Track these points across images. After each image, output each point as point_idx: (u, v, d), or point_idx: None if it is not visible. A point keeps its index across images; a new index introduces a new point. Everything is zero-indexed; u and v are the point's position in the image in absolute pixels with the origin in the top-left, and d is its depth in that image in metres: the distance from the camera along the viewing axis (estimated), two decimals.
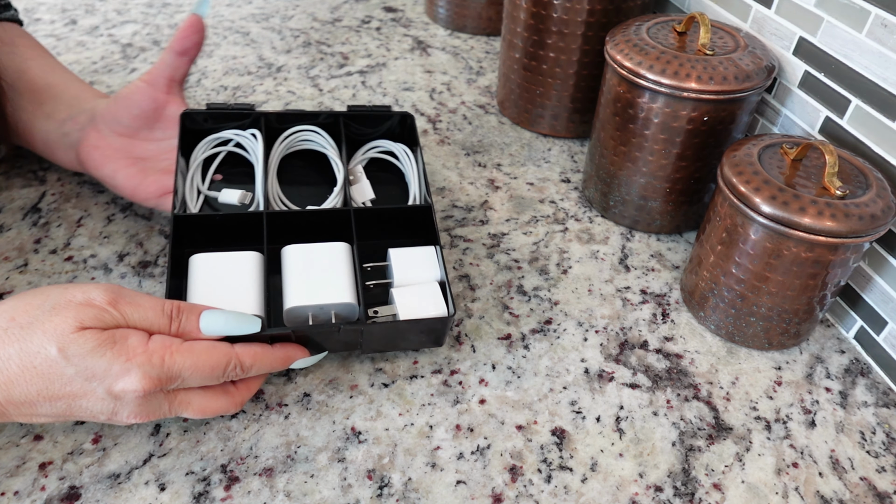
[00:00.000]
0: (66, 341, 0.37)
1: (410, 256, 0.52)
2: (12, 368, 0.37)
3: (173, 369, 0.39)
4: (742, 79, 0.54)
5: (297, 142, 0.60)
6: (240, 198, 0.55)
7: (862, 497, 0.45)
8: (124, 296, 0.40)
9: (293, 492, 0.44)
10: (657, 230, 0.64)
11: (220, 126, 0.58)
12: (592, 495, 0.44)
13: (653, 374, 0.52)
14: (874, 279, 0.53)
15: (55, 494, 0.43)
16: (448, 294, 0.50)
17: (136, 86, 0.57)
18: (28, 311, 0.38)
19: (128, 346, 0.39)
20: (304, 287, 0.48)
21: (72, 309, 0.38)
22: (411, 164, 0.60)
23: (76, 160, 0.59)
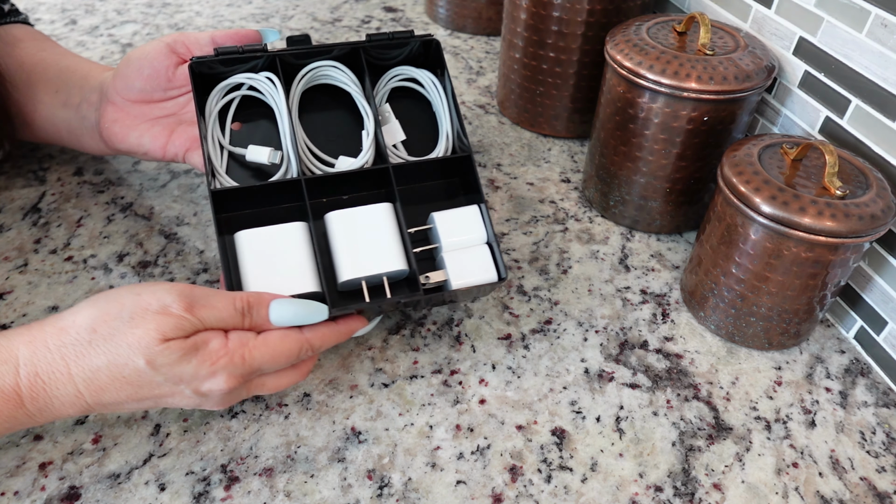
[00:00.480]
0: (152, 353, 0.38)
1: (455, 219, 0.51)
2: (102, 378, 0.39)
3: (254, 364, 0.41)
4: (742, 79, 0.54)
5: (315, 77, 0.54)
6: (269, 156, 0.51)
7: (862, 497, 0.45)
8: (198, 299, 0.40)
9: (293, 492, 0.44)
10: (657, 230, 0.64)
11: (230, 71, 0.52)
12: (592, 495, 0.44)
13: (653, 374, 0.52)
14: (874, 279, 0.53)
15: (55, 494, 0.43)
16: (497, 256, 0.50)
17: (151, 45, 0.54)
18: (107, 322, 0.39)
19: (210, 351, 0.40)
20: (355, 257, 0.48)
21: (150, 319, 0.39)
22: (439, 94, 0.55)
23: (102, 143, 0.58)
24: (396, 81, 0.56)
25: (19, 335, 0.39)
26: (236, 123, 0.53)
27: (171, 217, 0.64)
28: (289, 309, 0.43)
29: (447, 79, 0.54)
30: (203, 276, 0.58)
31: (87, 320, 0.39)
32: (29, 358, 0.38)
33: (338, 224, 0.49)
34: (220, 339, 0.41)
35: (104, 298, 0.40)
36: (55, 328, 0.39)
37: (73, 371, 0.38)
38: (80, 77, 0.60)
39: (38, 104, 0.61)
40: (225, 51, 0.50)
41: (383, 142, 0.52)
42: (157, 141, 0.55)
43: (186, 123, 0.56)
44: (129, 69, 0.55)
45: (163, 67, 0.54)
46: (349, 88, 0.53)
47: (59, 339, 0.39)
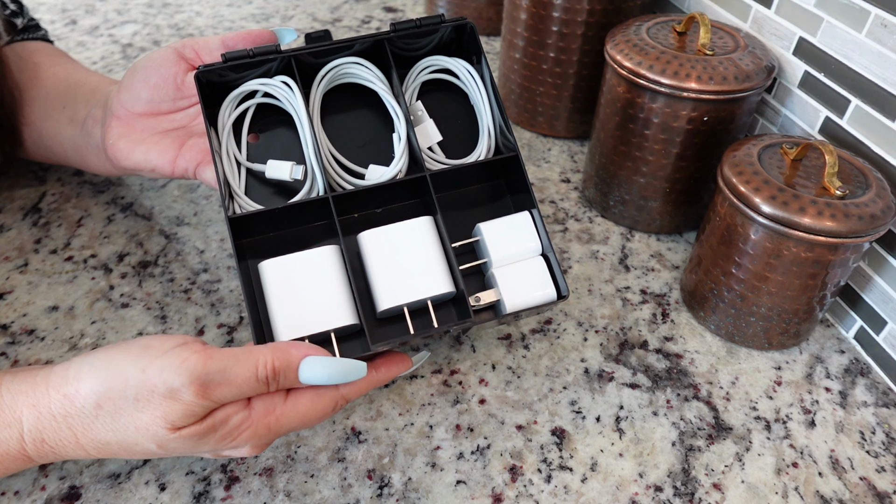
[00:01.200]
0: (164, 440, 0.35)
1: (505, 228, 0.46)
2: (113, 449, 0.37)
3: (281, 431, 0.38)
4: (742, 79, 0.54)
5: (336, 77, 0.48)
6: (290, 172, 0.46)
7: (861, 497, 0.45)
8: (212, 378, 0.35)
9: (293, 492, 0.44)
10: (657, 230, 0.64)
11: (241, 78, 0.47)
12: (592, 495, 0.44)
13: (653, 374, 0.52)
14: (874, 279, 0.53)
15: (55, 494, 0.43)
16: (556, 269, 0.45)
17: (158, 52, 0.50)
18: (112, 400, 0.35)
19: (231, 429, 0.36)
20: (395, 281, 0.43)
21: (157, 405, 0.35)
22: (476, 84, 0.49)
23: (108, 162, 0.53)
24: (427, 74, 0.50)
25: (23, 395, 0.36)
26: (252, 135, 0.48)
27: (171, 217, 0.64)
28: (322, 371, 0.38)
29: (485, 66, 0.48)
30: (203, 276, 0.58)
31: (91, 394, 0.35)
32: (34, 424, 0.36)
33: (373, 244, 0.44)
34: (241, 414, 0.37)
35: (108, 368, 0.36)
36: (59, 394, 0.36)
37: (82, 441, 0.36)
38: (87, 91, 0.57)
39: (47, 120, 0.58)
40: (234, 56, 0.45)
41: (417, 145, 0.46)
42: (165, 155, 0.50)
43: (198, 136, 0.51)
44: (135, 79, 0.50)
45: (171, 75, 0.49)
46: (375, 87, 0.47)
47: (65, 408, 0.36)
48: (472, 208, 0.49)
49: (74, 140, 0.57)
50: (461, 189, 0.49)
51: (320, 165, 0.45)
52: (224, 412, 0.36)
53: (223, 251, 0.60)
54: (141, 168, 0.52)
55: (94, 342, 0.52)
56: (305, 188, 0.46)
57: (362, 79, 0.48)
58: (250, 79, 0.47)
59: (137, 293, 0.56)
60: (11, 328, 0.53)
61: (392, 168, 0.46)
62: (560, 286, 0.45)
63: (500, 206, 0.49)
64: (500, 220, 0.46)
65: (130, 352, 0.36)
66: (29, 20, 0.66)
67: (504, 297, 0.44)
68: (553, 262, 0.45)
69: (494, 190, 0.49)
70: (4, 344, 0.52)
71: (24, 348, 0.51)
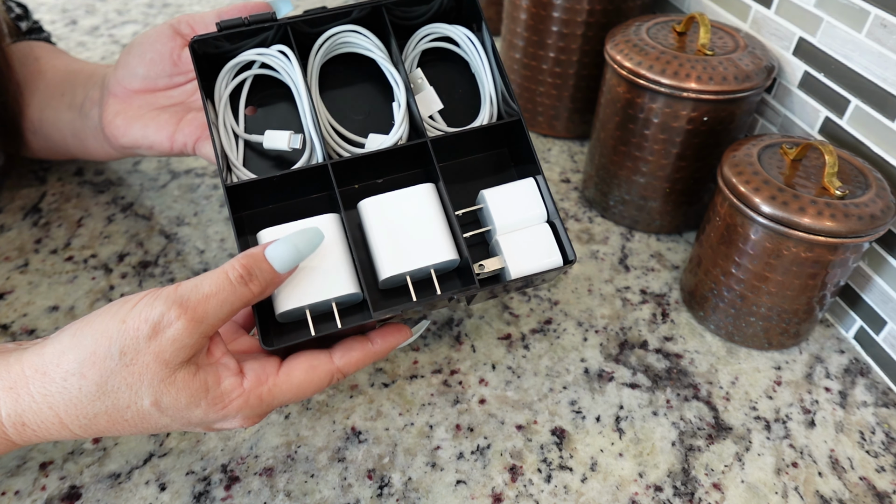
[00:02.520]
0: (158, 393, 0.34)
1: (509, 196, 0.45)
2: (101, 423, 0.35)
3: (274, 403, 0.37)
4: (742, 79, 0.54)
5: (334, 46, 0.48)
6: (289, 141, 0.45)
7: (861, 497, 0.45)
8: (189, 296, 0.34)
9: (293, 492, 0.44)
10: (657, 230, 0.64)
11: (237, 48, 0.46)
12: (592, 495, 0.44)
13: (653, 373, 0.52)
14: (874, 279, 0.53)
15: (56, 494, 0.43)
16: (562, 235, 0.44)
17: (154, 29, 0.50)
18: (97, 364, 0.33)
19: (222, 392, 0.35)
20: (397, 249, 0.42)
21: (145, 350, 0.33)
22: (478, 51, 0.48)
23: (106, 142, 0.53)
24: (427, 42, 0.49)
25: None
26: (250, 108, 0.47)
27: (171, 217, 0.64)
28: (288, 251, 0.37)
29: (486, 33, 0.47)
30: None
31: (72, 365, 0.33)
32: (12, 408, 0.34)
33: (373, 212, 0.43)
34: (233, 379, 0.36)
35: (88, 333, 0.34)
36: (38, 373, 0.34)
37: (66, 420, 0.34)
38: (84, 77, 0.58)
39: (45, 109, 0.58)
40: (228, 24, 0.43)
41: (418, 113, 0.45)
42: (162, 131, 0.49)
43: (196, 111, 0.50)
44: (131, 56, 0.50)
45: (167, 50, 0.49)
46: (374, 55, 0.47)
47: (44, 386, 0.34)
48: (475, 177, 0.48)
49: (73, 124, 0.57)
50: (464, 158, 0.48)
51: (319, 135, 0.44)
52: (217, 371, 0.36)
53: (223, 251, 0.60)
54: (139, 145, 0.51)
55: None
56: (304, 157, 0.45)
57: (360, 47, 0.47)
58: (246, 49, 0.46)
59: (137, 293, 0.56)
60: (11, 328, 0.53)
61: (392, 136, 0.45)
62: (566, 251, 0.44)
63: (503, 175, 0.48)
64: (504, 186, 0.45)
65: (108, 311, 0.35)
66: (33, 23, 0.66)
67: (508, 263, 0.43)
68: (559, 229, 0.44)
69: (498, 158, 0.48)
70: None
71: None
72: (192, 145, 0.49)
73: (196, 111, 0.50)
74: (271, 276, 0.37)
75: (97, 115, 0.53)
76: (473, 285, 0.42)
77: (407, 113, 0.46)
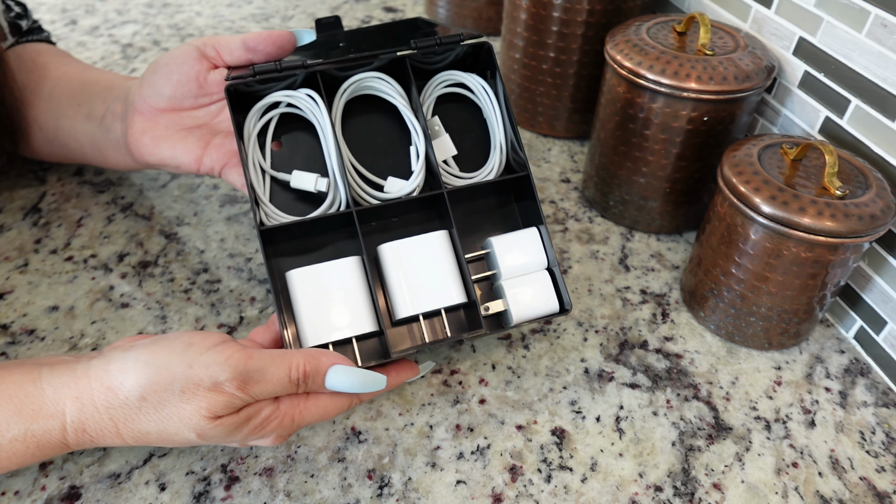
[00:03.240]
0: (202, 429, 0.38)
1: (513, 243, 0.49)
2: (151, 438, 0.39)
3: (303, 423, 0.41)
4: (742, 79, 0.54)
5: (358, 88, 0.50)
6: (315, 183, 0.48)
7: (861, 497, 0.45)
8: (252, 375, 0.38)
9: (293, 492, 0.44)
10: (657, 230, 0.64)
11: (266, 89, 0.49)
12: (592, 495, 0.44)
13: (653, 373, 0.52)
14: (874, 279, 0.53)
15: (55, 494, 0.43)
16: (560, 284, 0.48)
17: (180, 49, 0.50)
18: (157, 392, 0.38)
19: (261, 420, 0.40)
20: (413, 291, 0.46)
21: (202, 397, 0.37)
22: (490, 100, 0.51)
23: (129, 156, 0.54)
24: (443, 88, 0.52)
25: (65, 387, 0.38)
26: (275, 143, 0.50)
27: (171, 217, 0.64)
28: (346, 381, 0.41)
29: (499, 82, 0.51)
30: (203, 276, 0.58)
31: (136, 387, 0.38)
32: (77, 415, 0.38)
33: (393, 256, 0.47)
34: (271, 408, 0.40)
35: (154, 364, 0.38)
36: (103, 386, 0.38)
37: (122, 431, 0.38)
38: (103, 88, 0.58)
39: (61, 118, 0.58)
40: (263, 70, 0.47)
41: (435, 160, 0.49)
42: (191, 153, 0.51)
43: (222, 135, 0.52)
44: (157, 75, 0.51)
45: (193, 73, 0.50)
46: (396, 102, 0.50)
47: (107, 399, 0.38)
48: (481, 217, 0.52)
49: (93, 136, 0.57)
50: (472, 201, 0.52)
51: (344, 180, 0.47)
52: (257, 406, 0.39)
53: (223, 251, 0.60)
54: (166, 163, 0.52)
55: (94, 342, 0.52)
56: (329, 199, 0.48)
57: (383, 92, 0.50)
58: (276, 90, 0.49)
59: (137, 293, 0.56)
60: (11, 328, 0.53)
61: (411, 182, 0.49)
62: (564, 300, 0.48)
63: (507, 216, 0.52)
64: (510, 235, 0.49)
65: (175, 349, 0.39)
66: (32, 23, 0.66)
67: (511, 308, 0.47)
68: (557, 277, 0.48)
69: (503, 202, 0.53)
70: (4, 344, 0.52)
71: (24, 348, 0.51)
72: (218, 170, 0.51)
73: (222, 135, 0.52)
74: (318, 388, 0.41)
75: (120, 130, 0.54)
76: (480, 328, 0.47)
77: (425, 162, 0.49)
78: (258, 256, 0.60)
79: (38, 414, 0.38)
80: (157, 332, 0.53)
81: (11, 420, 0.37)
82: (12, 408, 0.37)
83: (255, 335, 0.46)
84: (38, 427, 0.38)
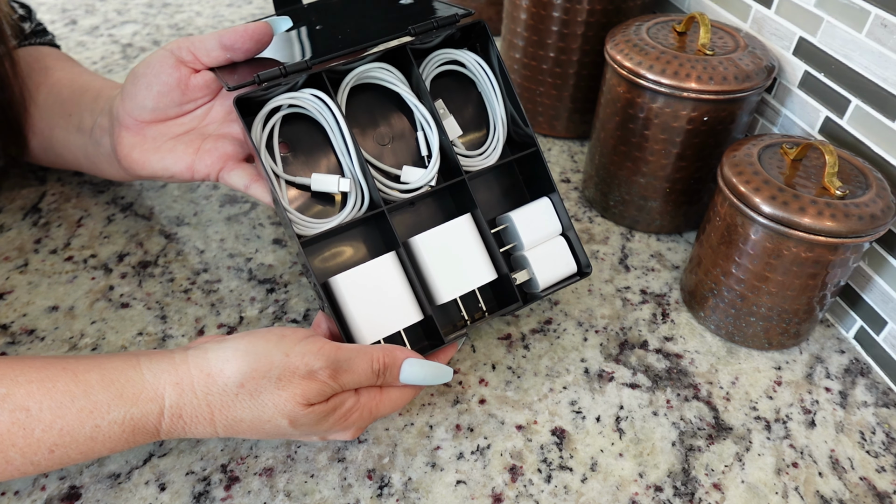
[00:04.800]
0: (296, 415, 0.40)
1: (530, 215, 0.51)
2: (243, 427, 0.41)
3: (377, 415, 0.44)
4: (742, 79, 0.54)
5: (360, 79, 0.50)
6: (338, 185, 0.48)
7: (862, 497, 0.45)
8: (341, 364, 0.41)
9: (293, 492, 0.44)
10: (657, 230, 0.64)
11: (269, 94, 0.47)
12: (592, 495, 0.44)
13: (653, 374, 0.52)
14: (874, 279, 0.53)
15: (55, 494, 0.43)
16: (576, 245, 0.51)
17: (154, 57, 0.49)
18: (255, 380, 0.39)
19: (345, 411, 0.42)
20: (450, 277, 0.48)
21: (297, 384, 0.40)
22: (486, 76, 0.51)
23: (121, 170, 0.53)
24: (438, 67, 0.51)
25: (165, 373, 0.39)
26: (283, 145, 0.49)
27: (171, 217, 0.64)
28: (419, 372, 0.44)
29: (494, 56, 0.50)
30: (203, 276, 0.58)
31: (236, 374, 0.39)
32: (175, 400, 0.39)
33: (425, 247, 0.48)
34: (353, 399, 0.42)
35: (253, 352, 0.40)
36: (202, 373, 0.39)
37: (216, 417, 0.40)
38: (91, 98, 0.57)
39: (55, 129, 0.58)
40: (268, 76, 0.45)
41: (450, 148, 0.49)
42: (181, 162, 0.50)
43: (212, 138, 0.50)
44: (137, 87, 0.49)
45: (173, 81, 0.48)
46: (399, 90, 0.50)
47: (207, 386, 0.39)
48: (489, 193, 0.54)
49: (85, 149, 0.57)
50: (481, 178, 0.53)
51: (366, 177, 0.48)
52: (343, 396, 0.42)
53: (223, 251, 0.60)
54: (159, 175, 0.51)
55: (94, 342, 0.52)
56: (352, 198, 0.48)
57: (387, 82, 0.50)
58: (279, 93, 0.47)
59: (137, 293, 0.56)
60: (11, 328, 0.53)
61: (430, 171, 0.50)
62: (581, 261, 0.51)
63: (515, 186, 0.54)
64: (526, 207, 0.51)
65: (270, 339, 0.41)
66: (36, 24, 0.66)
67: (536, 275, 0.50)
68: (573, 239, 0.51)
69: (509, 172, 0.54)
70: (4, 344, 0.52)
71: (24, 348, 0.51)
72: (215, 174, 0.50)
73: (212, 138, 0.50)
74: (394, 381, 0.44)
75: (109, 144, 0.53)
76: (516, 301, 0.50)
77: (439, 149, 0.50)
78: (258, 256, 0.60)
79: (138, 397, 0.39)
80: (157, 332, 0.53)
81: (113, 403, 0.38)
82: (114, 391, 0.38)
83: None
84: (138, 411, 0.39)
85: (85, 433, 0.38)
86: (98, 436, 0.38)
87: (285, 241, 0.62)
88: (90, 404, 0.38)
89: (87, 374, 0.39)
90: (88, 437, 0.38)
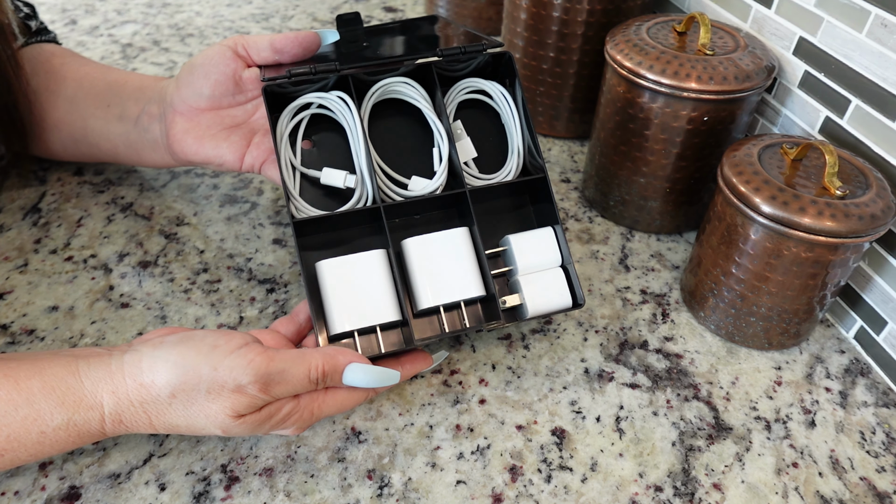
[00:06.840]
0: (227, 426, 0.41)
1: (530, 241, 0.51)
2: (180, 430, 0.42)
3: (321, 416, 0.44)
4: (742, 79, 0.54)
5: (386, 92, 0.53)
6: (344, 180, 0.51)
7: (862, 497, 0.45)
8: (272, 378, 0.41)
9: (293, 492, 0.44)
10: (657, 230, 0.64)
11: (299, 90, 0.51)
12: (592, 495, 0.44)
13: (653, 374, 0.52)
14: (874, 279, 0.53)
15: (55, 494, 0.43)
16: (574, 280, 0.50)
17: (214, 49, 0.53)
18: (185, 391, 0.40)
19: (282, 416, 0.42)
20: (435, 283, 0.49)
21: (226, 397, 0.40)
22: (509, 106, 0.54)
23: (168, 155, 0.56)
24: (464, 94, 0.55)
25: (102, 382, 0.40)
26: (306, 141, 0.53)
27: (171, 217, 0.64)
28: (362, 377, 0.43)
29: (518, 91, 0.53)
30: (203, 276, 0.58)
31: (166, 385, 0.40)
32: (113, 408, 0.40)
33: (416, 250, 0.49)
34: (291, 404, 0.42)
35: (182, 364, 0.40)
36: (136, 383, 0.40)
37: (155, 422, 0.41)
38: (133, 89, 0.59)
39: (90, 119, 0.59)
40: (298, 72, 0.49)
41: (458, 162, 0.51)
42: (235, 152, 0.53)
43: (261, 133, 0.54)
44: (195, 76, 0.53)
45: (230, 71, 0.52)
46: (420, 105, 0.52)
47: (141, 395, 0.40)
48: (498, 216, 0.54)
49: (127, 136, 0.59)
50: (491, 201, 0.54)
51: (371, 178, 0.50)
52: (278, 404, 0.42)
53: (223, 251, 0.60)
54: (210, 161, 0.54)
55: (94, 342, 0.52)
56: (356, 195, 0.50)
57: (408, 96, 0.53)
58: (309, 91, 0.51)
59: (137, 293, 0.56)
60: (11, 328, 0.53)
61: (434, 181, 0.51)
62: (577, 295, 0.50)
63: (524, 216, 0.55)
64: (527, 233, 0.52)
65: (201, 350, 0.41)
66: (40, 23, 0.66)
67: (527, 302, 0.49)
68: (571, 273, 0.50)
69: (520, 202, 0.55)
70: (4, 344, 0.52)
71: (24, 348, 0.51)
72: (258, 166, 0.54)
73: (261, 133, 0.54)
74: (336, 384, 0.44)
75: (158, 130, 0.56)
76: (497, 319, 0.49)
77: (447, 163, 0.52)
78: (258, 256, 0.60)
79: (79, 405, 0.40)
80: None
81: (55, 410, 0.39)
82: (55, 398, 0.39)
83: (278, 325, 0.49)
84: (80, 417, 0.40)
85: (32, 438, 0.39)
86: (45, 440, 0.39)
87: (285, 241, 0.62)
88: (34, 412, 0.39)
89: (28, 382, 0.39)
90: (36, 442, 0.39)
